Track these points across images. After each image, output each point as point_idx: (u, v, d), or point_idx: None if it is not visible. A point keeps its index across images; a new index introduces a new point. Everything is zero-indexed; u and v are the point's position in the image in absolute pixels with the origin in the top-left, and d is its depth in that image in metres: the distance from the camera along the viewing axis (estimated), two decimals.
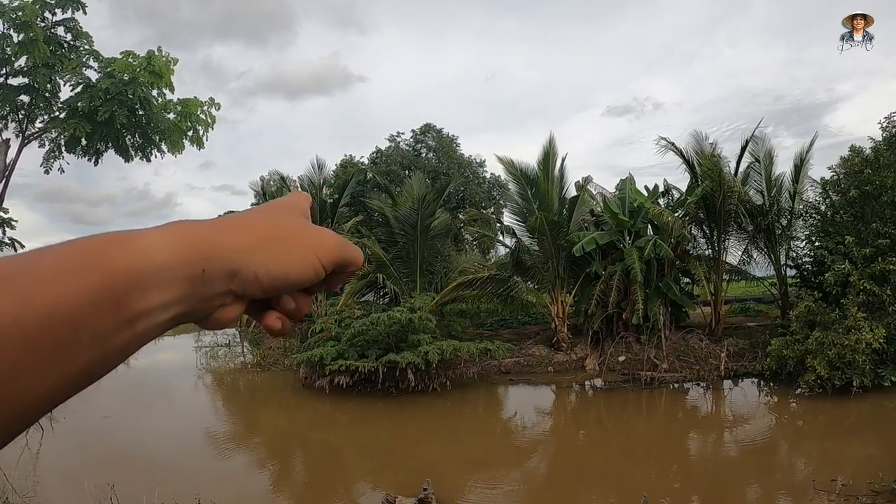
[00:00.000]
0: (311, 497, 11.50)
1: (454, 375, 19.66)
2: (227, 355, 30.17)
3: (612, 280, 22.02)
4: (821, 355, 16.17)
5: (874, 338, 15.57)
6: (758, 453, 13.57)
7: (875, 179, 17.45)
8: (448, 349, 18.45)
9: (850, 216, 18.35)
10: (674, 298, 22.41)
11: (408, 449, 14.38)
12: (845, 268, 17.08)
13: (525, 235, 24.46)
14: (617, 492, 11.21)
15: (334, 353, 18.75)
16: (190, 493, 8.86)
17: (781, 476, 11.88)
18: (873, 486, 9.75)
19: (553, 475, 12.85)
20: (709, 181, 21.52)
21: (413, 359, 17.92)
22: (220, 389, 23.06)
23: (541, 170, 23.86)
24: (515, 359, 22.84)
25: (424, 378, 18.78)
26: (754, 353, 20.12)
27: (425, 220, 24.29)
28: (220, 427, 16.16)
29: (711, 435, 15.06)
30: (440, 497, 10.01)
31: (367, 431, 16.18)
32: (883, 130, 18.28)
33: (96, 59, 9.30)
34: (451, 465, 13.05)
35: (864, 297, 16.66)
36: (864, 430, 14.22)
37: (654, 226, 23.48)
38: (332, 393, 18.51)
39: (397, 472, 12.13)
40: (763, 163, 22.49)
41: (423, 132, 42.02)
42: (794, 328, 17.70)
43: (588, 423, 17.36)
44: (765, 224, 22.18)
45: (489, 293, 24.97)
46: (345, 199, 29.04)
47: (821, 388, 16.19)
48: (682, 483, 11.85)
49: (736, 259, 23.62)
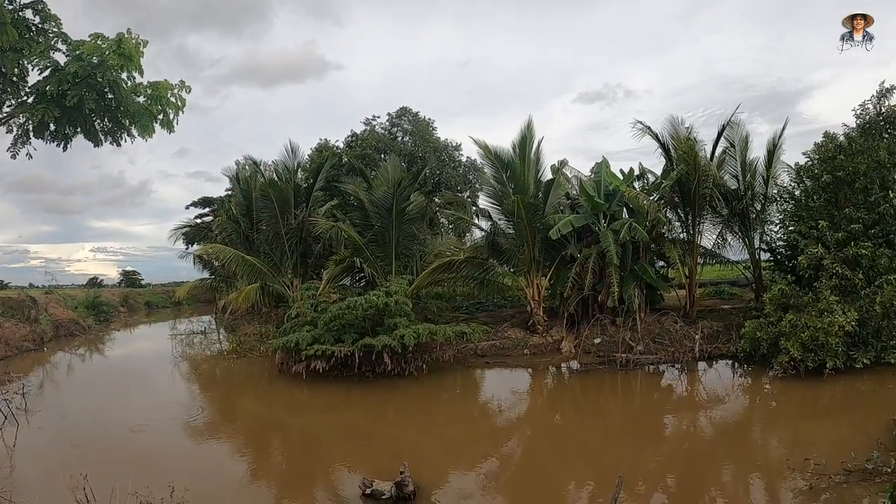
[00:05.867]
0: (289, 483, 11.36)
1: (431, 359, 19.64)
2: (202, 343, 29.88)
3: (588, 263, 22.10)
4: (794, 337, 16.44)
5: (847, 321, 15.84)
6: (732, 434, 13.77)
7: (848, 166, 17.66)
8: (424, 333, 18.40)
9: (824, 201, 18.59)
10: (649, 281, 22.58)
11: (385, 433, 14.29)
12: (818, 252, 17.32)
13: (501, 218, 24.44)
14: (594, 473, 11.23)
15: (310, 339, 18.60)
16: (165, 482, 8.69)
17: (755, 456, 11.97)
18: (846, 466, 9.84)
19: (530, 457, 12.85)
20: (684, 165, 21.66)
21: (389, 342, 17.83)
22: (196, 377, 22.74)
23: (517, 153, 23.79)
24: (491, 342, 22.87)
25: (401, 362, 18.74)
26: (728, 336, 20.37)
27: (401, 203, 24.14)
28: (196, 415, 15.90)
29: (687, 416, 15.18)
30: (417, 480, 9.98)
31: (345, 416, 16.07)
32: (857, 118, 18.52)
33: (65, 41, 8.95)
34: (428, 449, 13.02)
35: (836, 281, 16.95)
36: (836, 411, 14.42)
37: (630, 209, 23.62)
38: (308, 378, 18.38)
39: (375, 457, 12.04)
40: (738, 148, 22.71)
41: (399, 115, 41.70)
42: (767, 311, 17.97)
43: (564, 405, 17.42)
44: (739, 208, 22.43)
45: (465, 276, 24.97)
46: (319, 183, 28.80)
47: (794, 369, 16.49)
48: (657, 464, 11.89)
49: (710, 242, 23.92)
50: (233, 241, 30.45)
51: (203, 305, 49.39)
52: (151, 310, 56.94)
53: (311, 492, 10.78)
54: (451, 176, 39.61)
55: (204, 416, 15.95)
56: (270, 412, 17.20)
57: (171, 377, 21.96)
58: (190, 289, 41.30)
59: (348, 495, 10.08)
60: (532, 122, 23.86)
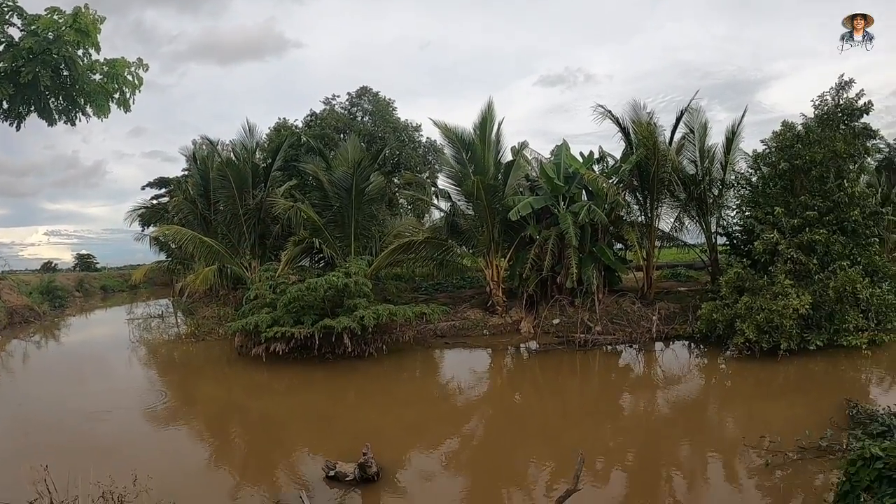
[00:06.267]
0: (252, 467, 11.15)
1: (390, 340, 19.51)
2: (160, 327, 29.14)
3: (547, 244, 22.18)
4: (749, 319, 16.83)
5: (801, 304, 16.25)
6: (689, 412, 14.04)
7: (805, 154, 18.01)
8: (384, 313, 18.27)
9: (780, 188, 18.93)
10: (607, 263, 22.77)
11: (347, 415, 14.16)
12: (774, 237, 17.66)
13: (460, 199, 24.33)
14: (554, 452, 11.32)
15: (269, 320, 18.28)
16: (127, 470, 8.45)
17: (712, 434, 12.25)
18: (800, 443, 10.12)
19: (491, 437, 12.90)
20: (644, 149, 21.88)
21: (349, 324, 17.65)
22: (154, 362, 22.14)
23: (477, 134, 23.64)
24: (451, 322, 22.83)
25: (361, 343, 18.59)
26: (685, 317, 20.77)
27: (360, 184, 23.80)
28: (155, 400, 15.44)
29: (644, 395, 15.39)
30: (380, 461, 9.93)
31: (306, 399, 15.89)
32: (815, 108, 18.80)
33: (20, 16, 8.40)
34: (390, 430, 12.94)
35: (791, 266, 17.33)
36: (790, 391, 14.79)
37: (589, 192, 23.75)
38: (268, 361, 18.10)
39: (337, 439, 11.91)
40: (697, 134, 23.00)
41: (360, 95, 41.11)
42: (723, 293, 18.35)
43: (524, 385, 17.51)
44: (697, 193, 22.77)
45: (424, 257, 24.84)
46: (278, 163, 28.19)
47: (749, 350, 16.88)
48: (616, 442, 12.07)
49: (668, 226, 24.28)
50: (190, 222, 29.63)
51: (160, 289, 48.07)
52: (107, 294, 55.13)
53: (274, 475, 10.60)
54: (410, 156, 39.25)
55: (163, 402, 15.52)
56: (230, 396, 16.85)
57: (129, 363, 21.29)
58: (146, 272, 40.10)
59: (311, 478, 9.95)
60: (492, 103, 23.77)
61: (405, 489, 9.73)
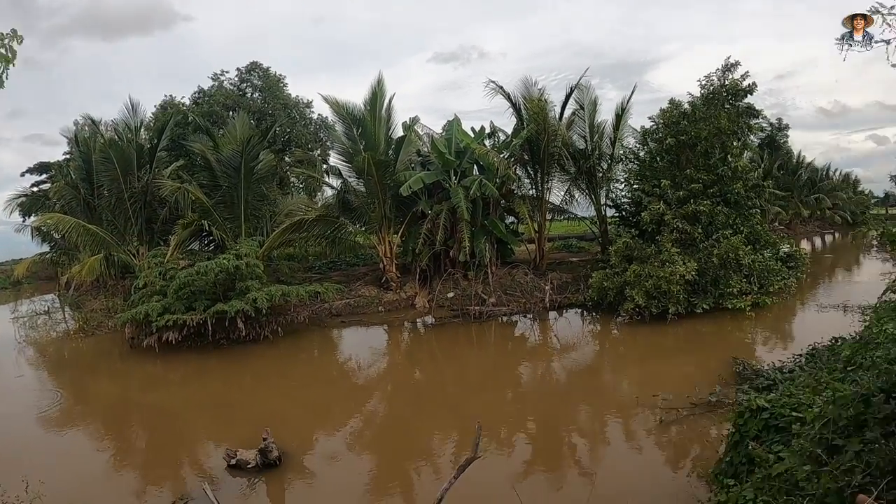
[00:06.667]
0: (152, 463, 10.38)
1: (285, 321, 18.80)
2: (47, 324, 26.59)
3: (439, 219, 22.04)
4: (638, 286, 17.49)
5: (687, 270, 17.07)
6: (585, 377, 14.43)
7: (691, 131, 18.87)
8: (277, 294, 17.60)
9: (667, 162, 19.75)
10: (499, 236, 22.94)
11: (246, 401, 13.51)
12: (660, 208, 18.35)
13: (351, 176, 23.77)
14: (457, 423, 11.28)
15: (160, 309, 17.14)
16: (18, 477, 7.76)
17: (608, 396, 12.60)
18: (691, 399, 10.54)
19: (393, 413, 12.75)
20: (535, 124, 22.19)
21: (242, 307, 16.89)
22: (44, 362, 20.05)
23: (368, 109, 23.08)
24: (346, 300, 22.31)
25: (255, 326, 17.84)
26: (577, 286, 21.29)
27: (249, 162, 22.63)
28: (47, 402, 13.93)
29: (542, 362, 15.64)
30: (284, 445, 9.61)
31: (203, 388, 15.06)
32: (701, 88, 19.65)
33: None
34: (292, 413, 12.51)
35: (677, 235, 18.16)
36: (680, 352, 15.47)
37: (480, 166, 23.78)
38: (162, 351, 17.01)
39: (237, 426, 11.32)
40: (587, 110, 23.63)
41: (250, 71, 39.32)
42: (613, 262, 19.00)
43: (423, 359, 17.36)
44: (586, 167, 23.37)
45: (317, 235, 24.11)
46: (164, 142, 26.31)
47: (639, 315, 17.59)
48: (517, 409, 12.19)
49: (559, 199, 24.79)
50: (73, 209, 27.28)
51: (45, 283, 43.76)
52: None
53: (176, 469, 9.99)
54: (301, 134, 38.10)
55: (56, 403, 14.05)
56: (125, 391, 15.57)
57: (17, 364, 19.15)
58: (29, 265, 36.41)
59: (214, 468, 9.43)
60: (383, 78, 23.22)
61: (310, 471, 9.42)
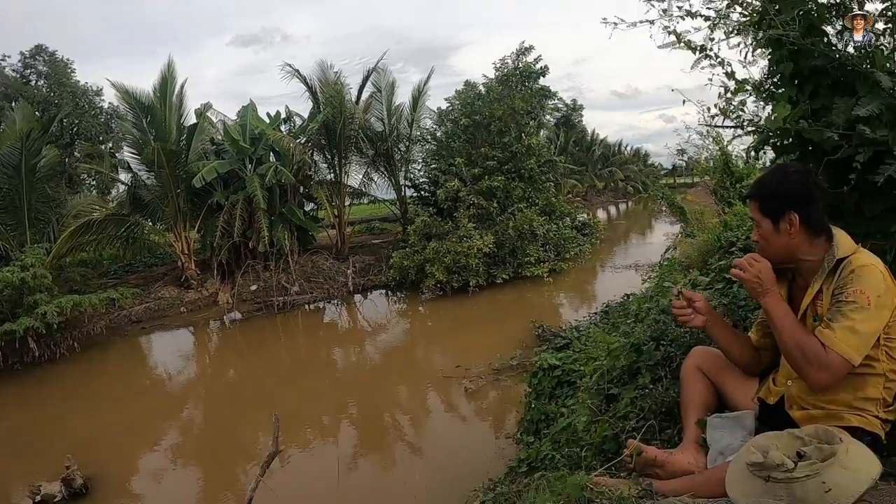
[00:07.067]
0: None
1: (81, 335, 17.01)
2: None
3: (236, 209, 21.28)
4: (438, 262, 18.26)
5: (484, 244, 18.14)
6: (398, 354, 14.86)
7: (486, 111, 19.91)
8: (68, 305, 15.84)
9: (463, 142, 20.71)
10: (298, 223, 22.66)
11: (49, 428, 11.98)
12: (455, 185, 19.16)
13: (142, 169, 22.03)
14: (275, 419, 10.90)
15: None
16: None
17: (421, 371, 13.10)
18: (493, 366, 11.24)
19: (212, 417, 12.20)
20: (331, 108, 22.04)
21: (31, 323, 14.98)
22: None
23: (158, 96, 21.51)
24: (145, 304, 20.77)
25: (49, 344, 15.95)
26: (379, 268, 21.75)
27: (30, 159, 19.93)
28: None
29: (353, 346, 15.85)
30: (99, 468, 9.01)
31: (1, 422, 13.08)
32: (496, 70, 20.66)
33: None
34: (105, 433, 11.42)
35: (474, 210, 19.14)
36: (484, 322, 16.24)
37: (277, 153, 23.22)
38: None
39: (43, 458, 10.05)
40: (385, 93, 23.90)
41: (34, 55, 34.55)
42: (412, 241, 19.67)
43: (233, 357, 16.72)
44: (384, 149, 23.69)
45: (109, 236, 22.05)
46: None
47: (441, 291, 18.37)
48: (336, 395, 12.24)
49: (358, 182, 24.77)
50: None
51: None
52: None
53: None
54: (91, 125, 34.37)
55: None
56: None
57: None
58: None
59: None
60: (173, 62, 21.71)
61: (130, 492, 8.82)
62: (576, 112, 52.17)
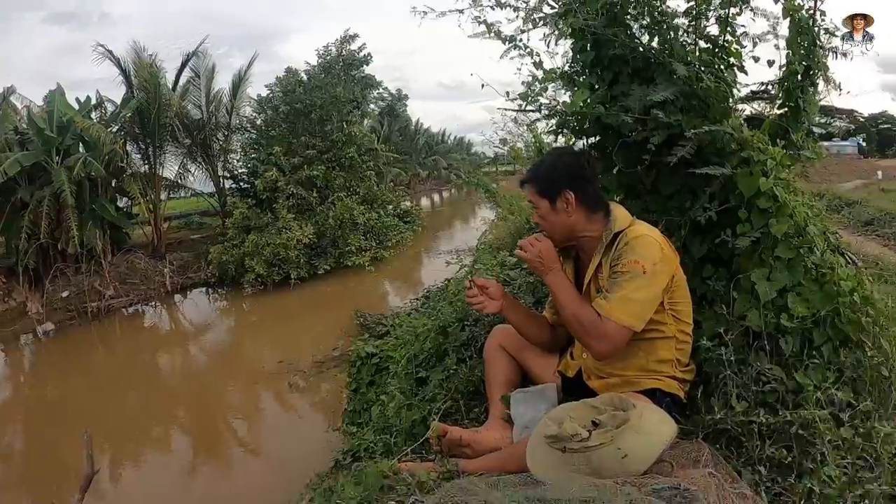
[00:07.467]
0: None
1: None
2: None
3: (42, 207, 19.73)
4: (258, 256, 17.94)
5: (304, 234, 18.06)
6: (223, 354, 14.47)
7: (306, 99, 19.72)
8: None
9: (284, 130, 20.40)
10: (111, 220, 21.31)
11: None
12: (274, 175, 19.07)
13: None
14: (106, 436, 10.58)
15: None
16: None
17: (249, 368, 12.60)
18: (316, 357, 11.25)
19: (30, 442, 11.04)
20: (144, 93, 20.95)
21: None
22: None
23: None
24: None
25: None
26: (199, 265, 20.89)
27: None
28: None
29: (177, 349, 15.23)
30: None
31: None
32: (319, 58, 20.58)
33: None
34: None
35: (294, 201, 19.00)
36: (307, 314, 16.25)
37: (87, 142, 21.80)
38: None
39: None
40: (204, 78, 22.92)
41: None
42: (230, 235, 19.20)
43: (50, 373, 15.01)
44: (201, 138, 22.87)
45: None
46: None
47: (262, 285, 18.02)
48: (165, 402, 11.60)
49: (174, 174, 23.80)
50: None
51: None
52: None
53: None
54: None
55: None
56: None
57: None
58: None
59: None
60: None
61: None
62: (401, 102, 52.63)
